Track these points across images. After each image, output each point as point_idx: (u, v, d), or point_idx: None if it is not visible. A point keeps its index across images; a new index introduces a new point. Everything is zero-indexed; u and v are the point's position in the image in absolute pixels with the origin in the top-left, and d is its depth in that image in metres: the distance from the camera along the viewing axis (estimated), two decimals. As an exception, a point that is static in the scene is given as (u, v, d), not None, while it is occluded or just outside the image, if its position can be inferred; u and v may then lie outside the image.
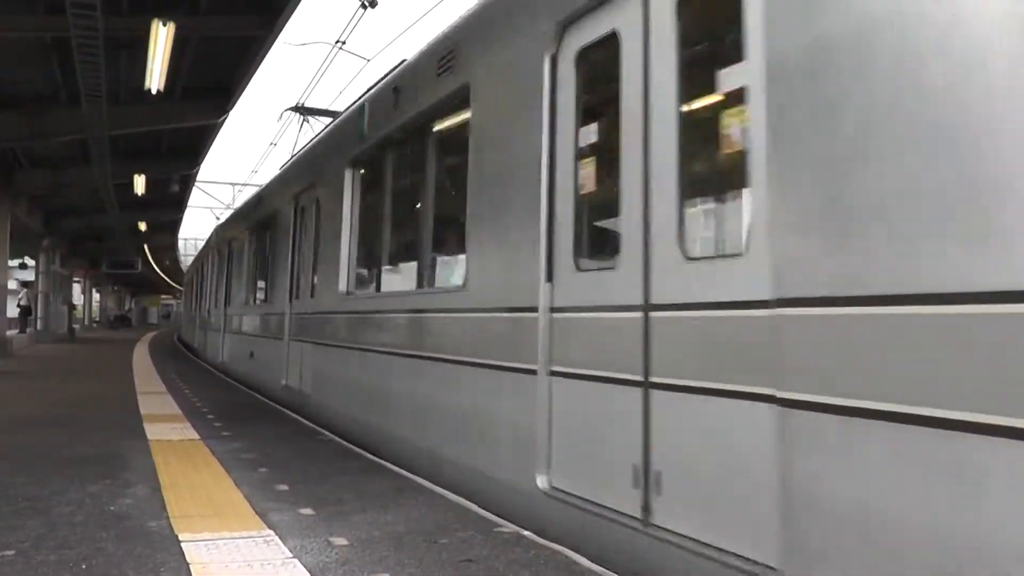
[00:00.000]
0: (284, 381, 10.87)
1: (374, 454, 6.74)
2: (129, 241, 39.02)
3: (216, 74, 16.93)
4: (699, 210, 4.20)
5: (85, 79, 14.12)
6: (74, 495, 5.00)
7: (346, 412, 8.20)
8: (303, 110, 18.94)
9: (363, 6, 13.06)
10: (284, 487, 5.34)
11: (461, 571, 3.66)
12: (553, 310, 4.52)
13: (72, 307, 41.79)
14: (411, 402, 6.50)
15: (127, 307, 79.88)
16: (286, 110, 19.31)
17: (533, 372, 4.59)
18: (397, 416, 6.82)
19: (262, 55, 15.09)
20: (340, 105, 9.83)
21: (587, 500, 4.13)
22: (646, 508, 3.71)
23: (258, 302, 14.39)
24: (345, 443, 7.30)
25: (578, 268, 4.40)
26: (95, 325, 56.33)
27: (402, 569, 3.66)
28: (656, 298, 3.74)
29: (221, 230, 20.85)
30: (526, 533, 4.27)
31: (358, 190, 8.56)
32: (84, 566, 3.61)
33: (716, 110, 3.78)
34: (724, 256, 3.71)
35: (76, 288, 48.15)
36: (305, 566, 3.66)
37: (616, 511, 3.89)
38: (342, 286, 8.47)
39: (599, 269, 4.29)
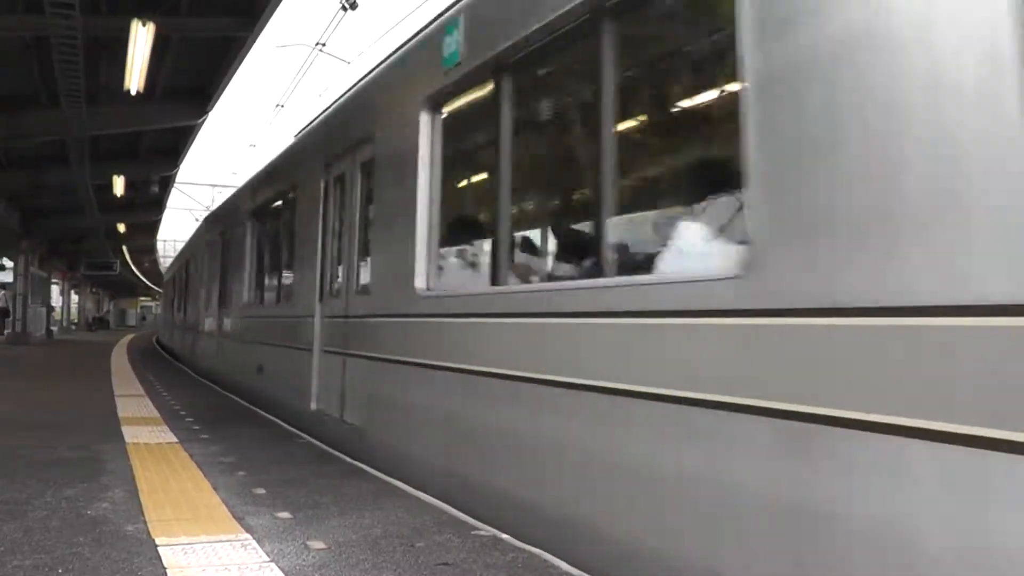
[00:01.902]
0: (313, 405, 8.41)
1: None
2: (108, 243, 38.81)
3: (196, 75, 16.92)
4: None
5: (64, 79, 14.08)
6: (51, 499, 4.96)
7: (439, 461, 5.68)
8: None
9: (344, 8, 13.08)
10: (262, 491, 5.34)
11: (438, 575, 3.68)
12: None
13: (50, 309, 41.49)
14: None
15: (105, 309, 79.36)
16: None
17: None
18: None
19: (242, 56, 15.10)
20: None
21: None
22: None
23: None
24: (323, 446, 7.28)
25: None
26: (73, 327, 55.88)
27: (379, 573, 3.67)
28: None
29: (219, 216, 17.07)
30: (504, 536, 4.29)
31: (439, 143, 6.03)
32: (60, 571, 3.60)
33: None
34: None
35: (55, 290, 47.79)
36: (282, 570, 3.66)
37: None
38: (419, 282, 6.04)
39: None
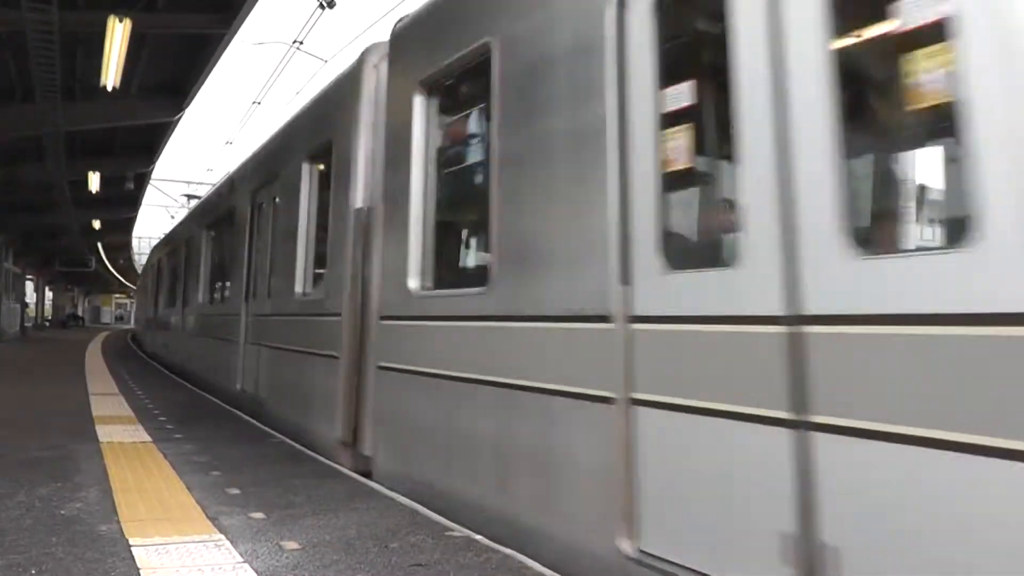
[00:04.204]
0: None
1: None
2: (83, 239, 38.48)
3: (172, 71, 16.82)
4: None
5: (40, 75, 13.98)
6: (24, 498, 4.95)
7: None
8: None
9: (321, 6, 13.05)
10: (236, 491, 5.34)
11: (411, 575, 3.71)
12: None
13: (24, 306, 41.12)
14: None
15: (80, 306, 78.66)
16: None
17: None
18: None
19: (219, 53, 15.03)
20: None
21: None
22: None
23: None
24: (297, 446, 7.28)
25: None
26: (47, 324, 55.30)
27: (353, 574, 3.69)
28: None
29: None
30: (477, 537, 4.32)
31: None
32: (33, 571, 3.60)
33: None
34: None
35: (29, 286, 47.34)
36: (256, 570, 3.68)
37: None
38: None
39: None
